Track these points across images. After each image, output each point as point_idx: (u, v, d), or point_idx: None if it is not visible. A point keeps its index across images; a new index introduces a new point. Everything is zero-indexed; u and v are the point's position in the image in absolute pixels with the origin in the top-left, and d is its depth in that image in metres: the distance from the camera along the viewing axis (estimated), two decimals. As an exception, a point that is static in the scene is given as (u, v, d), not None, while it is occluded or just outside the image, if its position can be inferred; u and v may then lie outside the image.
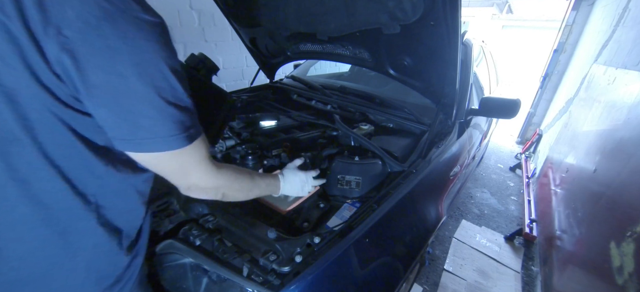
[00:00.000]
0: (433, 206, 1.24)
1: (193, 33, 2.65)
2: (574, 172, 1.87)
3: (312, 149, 1.29)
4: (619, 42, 2.09)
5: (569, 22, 3.62)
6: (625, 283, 0.98)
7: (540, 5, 7.04)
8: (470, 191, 2.89)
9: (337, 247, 0.77)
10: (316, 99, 1.78)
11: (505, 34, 8.03)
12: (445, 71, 1.23)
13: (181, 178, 0.56)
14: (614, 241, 1.12)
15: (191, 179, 0.56)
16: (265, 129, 1.37)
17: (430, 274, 1.85)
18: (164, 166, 0.52)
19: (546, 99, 3.98)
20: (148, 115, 0.44)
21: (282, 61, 1.99)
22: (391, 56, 1.38)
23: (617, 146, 1.41)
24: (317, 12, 1.32)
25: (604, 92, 1.88)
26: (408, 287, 1.52)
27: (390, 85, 1.93)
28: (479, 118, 1.89)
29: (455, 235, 2.22)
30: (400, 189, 1.01)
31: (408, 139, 1.36)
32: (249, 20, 1.67)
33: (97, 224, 0.51)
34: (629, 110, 1.42)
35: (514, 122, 4.46)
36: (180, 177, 0.55)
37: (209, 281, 0.82)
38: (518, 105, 1.38)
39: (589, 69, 2.51)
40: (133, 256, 0.61)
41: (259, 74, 2.11)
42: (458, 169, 1.53)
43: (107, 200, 0.52)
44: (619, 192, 1.24)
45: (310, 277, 0.71)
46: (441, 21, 1.03)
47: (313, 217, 0.96)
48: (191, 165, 0.54)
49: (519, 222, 2.48)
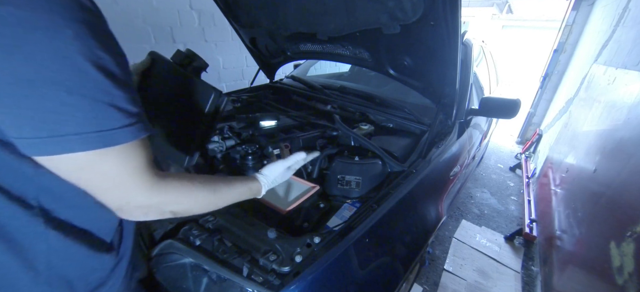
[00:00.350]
0: (433, 206, 1.24)
1: (193, 33, 2.65)
2: (574, 172, 1.87)
3: (312, 149, 1.29)
4: (619, 42, 2.09)
5: (569, 22, 3.62)
6: (625, 283, 0.98)
7: (540, 5, 7.04)
8: (470, 191, 2.89)
9: (337, 247, 0.77)
10: (316, 99, 1.78)
11: (505, 34, 8.03)
12: (445, 71, 1.23)
13: (108, 193, 0.45)
14: (614, 241, 1.12)
15: (122, 195, 0.46)
16: (265, 129, 1.37)
17: (430, 274, 1.85)
18: (83, 174, 0.42)
19: (546, 99, 3.98)
20: (55, 109, 0.36)
21: (282, 61, 1.99)
22: (391, 56, 1.38)
23: (617, 146, 1.41)
24: (317, 12, 1.32)
25: (604, 92, 1.88)
26: (408, 287, 1.52)
27: (390, 85, 1.93)
28: (479, 118, 1.89)
29: (455, 235, 2.22)
30: (400, 189, 1.01)
31: (408, 139, 1.36)
32: (249, 20, 1.67)
33: (46, 228, 0.46)
34: (629, 110, 1.42)
35: (514, 122, 4.46)
36: (107, 191, 0.45)
37: (209, 281, 0.82)
38: (518, 105, 1.38)
39: (589, 69, 2.51)
40: (117, 258, 0.58)
41: (259, 74, 2.11)
42: (458, 169, 1.53)
43: (52, 202, 0.46)
44: (619, 192, 1.24)
45: (310, 277, 0.71)
46: (441, 21, 1.03)
47: (313, 217, 0.96)
48: (120, 175, 0.43)
49: (519, 222, 2.48)
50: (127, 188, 0.45)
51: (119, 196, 0.46)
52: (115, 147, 0.41)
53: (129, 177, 0.44)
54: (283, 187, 1.06)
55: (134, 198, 0.47)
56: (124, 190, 0.45)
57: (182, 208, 0.55)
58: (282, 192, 1.04)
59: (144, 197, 0.47)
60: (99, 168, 0.42)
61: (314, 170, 1.14)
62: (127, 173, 0.44)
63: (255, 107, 1.70)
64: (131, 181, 0.45)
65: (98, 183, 0.44)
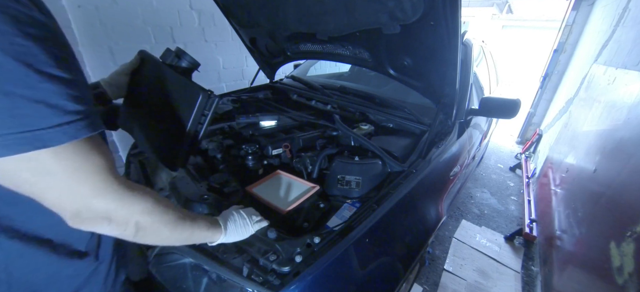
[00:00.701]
0: (433, 206, 1.24)
1: (193, 33, 2.65)
2: (574, 172, 1.87)
3: (312, 149, 1.29)
4: (619, 42, 2.09)
5: (569, 22, 3.62)
6: (625, 283, 0.98)
7: (540, 5, 7.04)
8: (470, 191, 2.89)
9: (337, 247, 0.77)
10: (316, 99, 1.78)
11: (505, 34, 8.03)
12: (445, 71, 1.22)
13: (56, 200, 0.39)
14: (614, 241, 1.12)
15: (72, 202, 0.40)
16: (265, 129, 1.37)
17: (430, 274, 1.85)
18: (17, 181, 0.36)
19: (546, 99, 3.98)
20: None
21: (282, 61, 1.99)
22: (391, 56, 1.38)
23: (617, 146, 1.41)
24: (317, 12, 1.32)
25: (604, 92, 1.88)
26: (408, 287, 1.52)
27: (390, 85, 1.93)
28: (479, 118, 1.89)
29: (455, 235, 2.21)
30: (400, 189, 1.00)
31: (408, 139, 1.36)
32: (249, 20, 1.67)
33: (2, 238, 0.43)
34: (629, 110, 1.42)
35: (514, 122, 4.46)
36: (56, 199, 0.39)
37: (209, 281, 0.82)
38: (518, 106, 1.38)
39: (589, 69, 2.51)
40: (96, 262, 0.56)
41: (259, 74, 2.11)
42: (458, 169, 1.53)
43: (6, 208, 0.43)
44: (619, 192, 1.24)
45: (310, 277, 0.71)
46: (441, 21, 1.03)
47: (313, 217, 0.96)
48: (64, 180, 0.38)
49: (519, 222, 2.48)
50: (77, 193, 0.39)
51: (69, 203, 0.40)
52: (49, 149, 0.35)
53: (76, 182, 0.39)
54: (283, 187, 1.06)
55: (89, 204, 0.41)
56: (73, 196, 0.39)
57: (148, 221, 0.48)
58: (282, 192, 1.04)
59: (102, 203, 0.42)
60: (32, 173, 0.36)
61: (314, 170, 1.14)
62: (73, 178, 0.38)
63: (255, 107, 1.70)
64: (80, 186, 0.39)
65: (41, 190, 0.38)
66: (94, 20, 2.02)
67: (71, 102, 0.37)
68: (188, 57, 0.82)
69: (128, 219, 0.45)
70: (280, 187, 1.07)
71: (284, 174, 1.14)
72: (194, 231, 0.59)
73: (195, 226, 0.60)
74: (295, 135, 1.31)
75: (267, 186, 1.08)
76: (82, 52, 1.98)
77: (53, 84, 0.35)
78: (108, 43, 2.11)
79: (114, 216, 0.44)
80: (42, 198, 0.39)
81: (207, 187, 1.01)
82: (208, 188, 1.01)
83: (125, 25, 2.18)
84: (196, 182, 1.03)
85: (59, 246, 0.49)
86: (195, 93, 0.72)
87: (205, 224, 0.63)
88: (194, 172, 1.10)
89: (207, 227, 0.64)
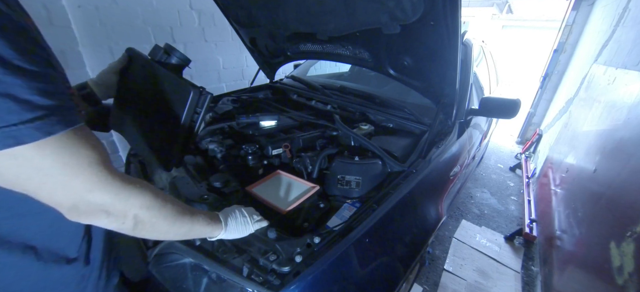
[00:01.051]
0: (433, 206, 1.24)
1: (193, 33, 2.65)
2: (574, 172, 1.87)
3: (312, 149, 1.29)
4: (619, 42, 2.09)
5: (569, 22, 3.62)
6: (625, 283, 0.98)
7: (540, 5, 7.04)
8: (470, 191, 2.89)
9: (337, 247, 0.77)
10: (316, 99, 1.78)
11: (505, 34, 8.04)
12: (445, 71, 1.23)
13: (51, 194, 0.39)
14: (614, 241, 1.12)
15: (67, 196, 0.40)
16: (265, 129, 1.37)
17: (430, 274, 1.85)
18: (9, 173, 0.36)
19: (546, 99, 3.98)
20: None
21: (282, 61, 1.99)
22: (391, 56, 1.38)
23: (617, 146, 1.41)
24: (317, 12, 1.32)
25: (604, 92, 1.88)
26: (408, 287, 1.52)
27: (390, 85, 1.93)
28: (479, 118, 1.89)
29: (455, 235, 2.21)
30: (400, 189, 1.00)
31: (408, 139, 1.36)
32: (249, 20, 1.67)
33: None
34: (629, 110, 1.42)
35: (514, 122, 4.46)
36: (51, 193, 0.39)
37: (209, 281, 0.82)
38: (518, 106, 1.38)
39: (589, 69, 2.51)
40: (86, 267, 0.55)
41: (259, 74, 2.11)
42: (458, 169, 1.53)
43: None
44: (619, 192, 1.24)
45: (310, 277, 0.71)
46: (441, 21, 1.03)
47: (313, 217, 0.96)
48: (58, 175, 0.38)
49: (519, 222, 2.48)
50: (70, 188, 0.39)
51: (63, 198, 0.40)
52: (31, 145, 0.35)
53: (68, 177, 0.39)
54: (283, 187, 1.06)
55: (84, 198, 0.40)
56: (66, 191, 0.39)
57: (147, 215, 0.48)
58: (282, 192, 1.04)
59: (98, 196, 0.41)
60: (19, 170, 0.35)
61: (314, 170, 1.14)
62: (64, 173, 0.38)
63: (255, 108, 1.70)
64: (72, 181, 0.39)
65: (35, 186, 0.38)
66: (94, 20, 2.02)
67: (40, 96, 0.35)
68: (178, 54, 0.80)
69: (126, 212, 0.45)
70: (280, 187, 1.07)
71: (284, 174, 1.14)
72: (193, 225, 0.59)
73: (195, 220, 0.59)
74: (295, 136, 1.31)
75: (267, 185, 1.07)
76: (82, 52, 1.99)
77: (18, 77, 0.33)
78: (108, 43, 2.11)
79: (111, 209, 0.43)
80: (37, 194, 0.39)
81: (207, 187, 1.01)
82: (208, 188, 1.01)
83: (125, 25, 2.18)
84: (196, 182, 1.03)
85: (45, 252, 0.49)
86: (187, 90, 0.70)
87: (205, 218, 0.63)
88: (194, 172, 1.10)
89: (207, 222, 0.64)
